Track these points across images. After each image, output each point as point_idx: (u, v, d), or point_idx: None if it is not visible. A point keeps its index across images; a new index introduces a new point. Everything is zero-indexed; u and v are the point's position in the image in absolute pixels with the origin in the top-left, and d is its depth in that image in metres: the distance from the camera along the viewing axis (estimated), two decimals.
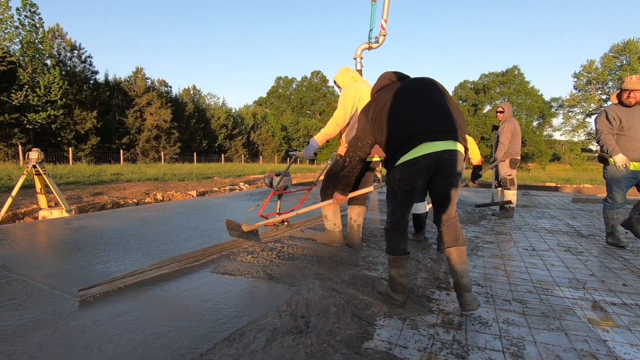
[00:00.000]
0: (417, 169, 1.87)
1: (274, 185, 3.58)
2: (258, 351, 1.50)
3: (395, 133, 1.94)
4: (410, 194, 1.94)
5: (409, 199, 1.97)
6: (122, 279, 2.19)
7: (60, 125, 22.00)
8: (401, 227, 2.03)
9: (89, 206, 7.24)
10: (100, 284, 2.08)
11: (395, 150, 1.93)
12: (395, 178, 1.95)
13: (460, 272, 1.90)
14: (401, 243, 2.04)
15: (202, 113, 36.66)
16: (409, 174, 1.89)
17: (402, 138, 1.90)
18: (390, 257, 2.06)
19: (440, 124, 1.90)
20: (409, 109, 1.96)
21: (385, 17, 7.45)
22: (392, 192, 2.00)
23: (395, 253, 2.03)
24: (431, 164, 1.86)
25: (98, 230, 3.79)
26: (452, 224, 1.99)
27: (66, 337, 1.58)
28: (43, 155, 5.18)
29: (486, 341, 1.69)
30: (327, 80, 68.88)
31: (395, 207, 2.00)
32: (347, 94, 3.00)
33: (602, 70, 38.78)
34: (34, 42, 20.92)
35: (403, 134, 1.90)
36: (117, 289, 2.13)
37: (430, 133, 1.86)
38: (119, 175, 12.93)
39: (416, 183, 1.90)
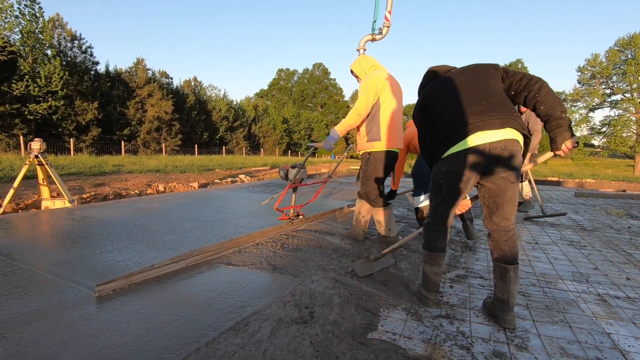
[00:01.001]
0: (466, 162, 1.69)
1: (291, 178, 3.46)
2: (263, 340, 1.50)
3: (443, 123, 1.79)
4: (457, 189, 1.76)
5: (455, 195, 1.79)
6: (139, 273, 2.12)
7: (62, 116, 21.94)
8: (442, 224, 1.89)
9: (91, 197, 7.26)
10: (117, 279, 2.01)
11: (443, 141, 1.78)
12: (442, 171, 1.79)
13: (512, 292, 1.74)
14: (439, 240, 1.91)
15: (203, 105, 36.51)
16: (458, 166, 1.72)
17: (451, 128, 1.74)
18: (425, 253, 1.95)
19: (499, 112, 1.69)
20: (458, 97, 1.79)
21: (389, 9, 7.34)
22: (436, 186, 1.85)
23: (432, 250, 1.91)
24: (483, 156, 1.67)
25: (101, 220, 3.79)
26: (511, 236, 1.78)
27: (72, 325, 1.59)
28: (45, 146, 5.17)
29: (490, 333, 1.70)
30: (329, 72, 68.54)
31: (439, 201, 1.86)
32: (370, 82, 2.85)
33: (607, 64, 38.41)
34: (34, 32, 20.74)
35: (452, 123, 1.74)
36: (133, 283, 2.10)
37: (483, 121, 1.67)
38: (120, 166, 12.93)
39: (465, 177, 1.72)
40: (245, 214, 4.33)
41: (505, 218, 1.77)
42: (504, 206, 1.75)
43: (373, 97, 2.85)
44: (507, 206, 1.75)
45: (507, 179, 1.70)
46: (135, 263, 2.41)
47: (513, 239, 1.79)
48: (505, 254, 1.77)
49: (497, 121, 1.65)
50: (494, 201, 1.77)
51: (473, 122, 1.67)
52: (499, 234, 1.79)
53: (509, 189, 1.72)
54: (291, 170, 3.47)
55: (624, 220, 4.78)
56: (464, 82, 1.83)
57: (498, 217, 1.78)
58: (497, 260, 1.80)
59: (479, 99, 1.73)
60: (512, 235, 1.79)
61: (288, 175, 3.48)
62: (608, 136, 38.61)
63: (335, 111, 65.87)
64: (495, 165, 1.68)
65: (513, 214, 1.78)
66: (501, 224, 1.78)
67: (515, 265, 1.76)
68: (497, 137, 1.64)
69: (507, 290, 1.75)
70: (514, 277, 1.75)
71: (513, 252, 1.77)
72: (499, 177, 1.70)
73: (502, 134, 1.65)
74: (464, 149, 1.68)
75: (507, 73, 1.80)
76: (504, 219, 1.77)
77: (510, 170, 1.68)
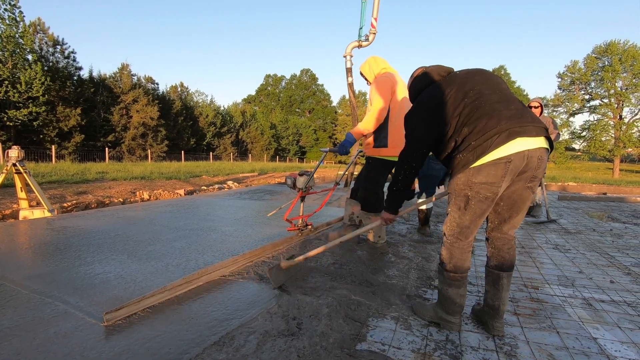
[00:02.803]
0: (507, 170, 1.53)
1: (300, 186, 3.22)
2: (249, 355, 1.46)
3: (470, 127, 1.59)
4: (490, 200, 1.59)
5: (487, 207, 1.62)
6: (151, 297, 1.88)
7: (43, 122, 21.40)
8: (469, 241, 1.73)
9: (72, 206, 7.05)
10: (128, 305, 1.77)
11: (473, 148, 1.56)
12: (474, 182, 1.57)
13: (504, 299, 1.72)
14: (466, 260, 1.73)
15: (190, 111, 36.16)
16: (496, 175, 1.53)
17: (484, 132, 1.54)
18: (450, 275, 1.73)
19: (530, 118, 1.57)
20: (486, 99, 1.62)
21: (375, 15, 7.42)
22: (464, 199, 1.64)
23: (458, 271, 1.72)
24: (521, 165, 1.54)
25: (82, 230, 3.67)
26: (513, 245, 1.76)
27: (46, 344, 1.51)
28: (24, 153, 5.01)
29: (479, 340, 1.68)
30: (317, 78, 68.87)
31: (467, 216, 1.65)
32: (384, 84, 2.77)
33: (585, 70, 39.64)
34: (14, 37, 20.22)
35: (485, 128, 1.54)
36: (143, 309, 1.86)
37: (521, 127, 1.52)
38: (104, 173, 12.63)
39: (502, 187, 1.57)
40: (232, 222, 4.25)
41: (514, 227, 1.74)
42: (518, 215, 1.71)
43: (389, 100, 2.78)
44: (520, 215, 1.71)
45: (532, 189, 1.65)
46: (116, 275, 2.33)
47: (514, 247, 1.77)
48: (505, 262, 1.74)
49: (533, 128, 1.54)
50: (510, 210, 1.69)
51: (510, 127, 1.51)
52: (503, 242, 1.75)
53: (529, 199, 1.68)
54: (299, 178, 3.25)
55: (606, 222, 4.88)
56: (483, 84, 1.69)
57: (508, 225, 1.73)
58: (494, 268, 1.77)
59: (506, 103, 1.61)
60: (514, 244, 1.77)
61: (296, 183, 3.25)
62: (588, 140, 39.71)
63: (323, 117, 66.09)
64: (528, 174, 1.59)
65: (521, 222, 1.76)
66: (509, 232, 1.75)
67: (509, 273, 1.74)
68: (535, 144, 1.54)
69: (498, 297, 1.73)
70: (506, 284, 1.73)
71: (512, 260, 1.75)
72: (525, 186, 1.63)
73: (539, 142, 1.55)
74: (505, 156, 1.51)
75: None
76: (512, 227, 1.74)
77: (537, 180, 1.63)
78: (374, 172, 2.95)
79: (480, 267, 2.80)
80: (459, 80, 1.74)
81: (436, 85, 1.81)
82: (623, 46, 36.55)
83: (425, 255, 3.06)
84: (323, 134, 62.78)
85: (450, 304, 1.76)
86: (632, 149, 38.37)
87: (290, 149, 55.03)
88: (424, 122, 1.77)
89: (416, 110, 1.82)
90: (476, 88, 1.67)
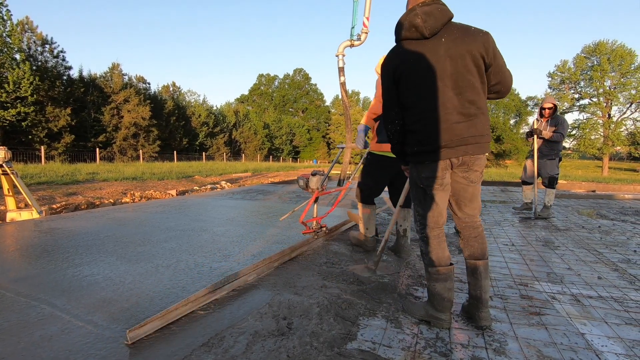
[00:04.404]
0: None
1: (313, 187, 3.12)
2: (238, 356, 1.44)
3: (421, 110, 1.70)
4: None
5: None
6: (174, 310, 1.74)
7: (32, 122, 21.06)
8: (441, 229, 1.82)
9: (61, 207, 6.95)
10: (152, 321, 1.62)
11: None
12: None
13: (484, 287, 1.76)
14: (445, 250, 1.80)
15: (182, 110, 35.89)
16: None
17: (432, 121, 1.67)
18: (433, 270, 1.78)
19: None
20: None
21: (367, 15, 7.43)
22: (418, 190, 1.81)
23: (442, 263, 1.77)
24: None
25: (71, 232, 3.62)
26: (479, 233, 1.83)
27: (31, 348, 1.48)
28: (10, 154, 4.91)
29: (469, 338, 1.69)
30: (310, 77, 68.81)
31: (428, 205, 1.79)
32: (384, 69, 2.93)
33: (575, 70, 40.20)
34: (1, 36, 19.88)
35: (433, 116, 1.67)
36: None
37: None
38: (94, 174, 12.47)
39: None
40: (223, 222, 4.23)
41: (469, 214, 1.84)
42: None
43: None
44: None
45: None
46: (104, 277, 2.30)
47: (482, 234, 1.83)
48: (476, 251, 1.81)
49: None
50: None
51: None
52: (469, 231, 1.84)
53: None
54: (312, 178, 3.16)
55: (594, 220, 4.95)
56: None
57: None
58: (468, 257, 1.84)
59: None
60: (481, 231, 1.83)
61: (309, 184, 3.16)
62: (578, 139, 40.28)
63: (316, 116, 66.07)
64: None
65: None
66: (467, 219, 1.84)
67: (484, 261, 1.80)
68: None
69: (479, 287, 1.78)
70: (484, 272, 1.78)
71: (482, 248, 1.81)
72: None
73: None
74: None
75: None
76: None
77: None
78: (370, 167, 2.96)
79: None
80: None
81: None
82: (611, 46, 37.14)
83: (418, 253, 3.07)
84: (317, 133, 62.77)
85: (439, 299, 1.77)
86: (621, 147, 39.04)
87: (283, 148, 54.93)
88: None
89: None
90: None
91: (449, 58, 1.63)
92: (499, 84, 1.71)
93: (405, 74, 1.72)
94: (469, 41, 1.62)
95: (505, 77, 1.71)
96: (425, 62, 1.66)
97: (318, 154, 60.99)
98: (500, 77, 1.70)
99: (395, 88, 1.77)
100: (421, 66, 1.67)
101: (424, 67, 1.67)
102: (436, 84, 1.65)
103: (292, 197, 7.23)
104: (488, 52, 1.63)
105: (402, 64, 1.72)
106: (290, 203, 6.24)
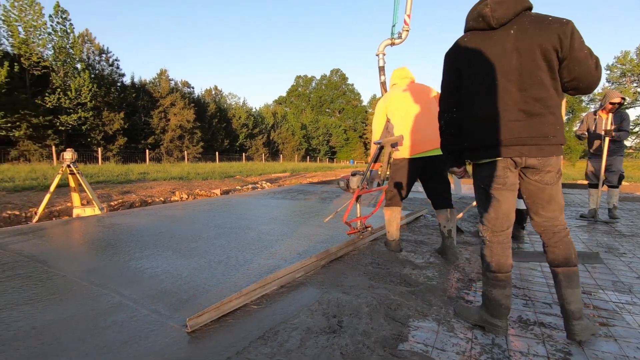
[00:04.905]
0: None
1: (355, 186, 3.12)
2: (293, 350, 1.48)
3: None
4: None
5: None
6: (229, 302, 1.85)
7: (90, 126, 22.86)
8: (507, 234, 1.71)
9: (118, 204, 7.48)
10: (209, 310, 1.73)
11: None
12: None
13: (567, 297, 1.62)
14: (509, 257, 1.70)
15: (224, 113, 37.26)
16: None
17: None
18: (491, 275, 1.69)
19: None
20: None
21: (408, 12, 7.30)
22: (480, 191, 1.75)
23: (502, 270, 1.68)
24: None
25: (129, 227, 3.90)
26: (561, 238, 1.68)
27: (105, 332, 1.62)
28: (76, 156, 5.38)
29: (529, 346, 1.61)
30: (347, 78, 68.71)
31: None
32: (377, 107, 3.09)
33: (638, 61, 36.74)
34: (65, 47, 21.83)
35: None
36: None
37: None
38: (145, 174, 13.31)
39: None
40: (268, 221, 4.34)
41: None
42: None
43: (378, 124, 3.05)
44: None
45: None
46: (163, 270, 2.45)
47: (565, 239, 1.67)
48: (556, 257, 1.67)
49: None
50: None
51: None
52: (548, 236, 1.70)
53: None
54: (352, 178, 3.16)
55: None
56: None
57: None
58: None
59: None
60: (564, 236, 1.67)
61: (350, 184, 3.17)
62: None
63: (353, 116, 65.82)
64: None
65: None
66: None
67: (565, 269, 1.64)
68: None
69: (560, 296, 1.65)
70: (565, 280, 1.63)
71: (565, 255, 1.65)
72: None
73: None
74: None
75: None
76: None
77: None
78: (392, 173, 3.02)
79: (524, 269, 2.68)
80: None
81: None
82: None
83: (467, 256, 2.97)
84: (353, 133, 62.52)
85: (496, 305, 1.69)
86: None
87: (320, 149, 55.27)
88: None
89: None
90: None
91: (516, 51, 1.54)
92: (574, 80, 1.52)
93: (466, 66, 1.66)
94: (541, 33, 1.49)
95: (584, 73, 1.50)
96: (488, 56, 1.59)
97: (355, 154, 60.70)
98: (577, 73, 1.50)
99: (457, 79, 1.71)
100: (483, 59, 1.60)
101: (486, 61, 1.59)
102: (497, 79, 1.57)
103: (331, 197, 7.27)
104: (563, 45, 1.47)
105: (464, 56, 1.66)
106: (330, 203, 6.28)
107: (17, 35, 20.27)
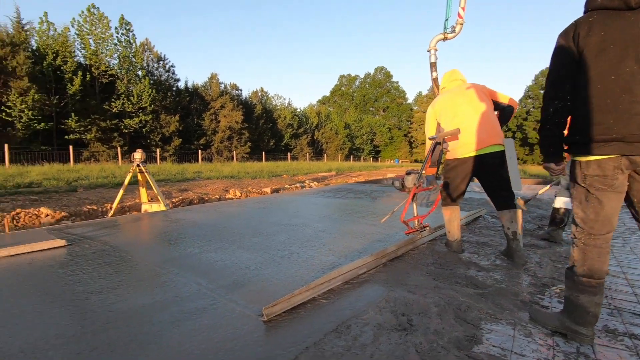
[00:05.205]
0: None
1: (409, 185, 3.12)
2: (368, 345, 1.51)
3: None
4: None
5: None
6: (298, 295, 1.93)
7: (150, 129, 24.65)
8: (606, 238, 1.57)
9: (179, 201, 8.01)
10: (281, 302, 1.82)
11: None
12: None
13: None
14: (605, 263, 1.56)
15: (270, 114, 38.30)
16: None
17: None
18: (584, 280, 1.57)
19: None
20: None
21: (462, 5, 7.02)
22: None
23: (594, 276, 1.56)
24: None
25: (193, 222, 4.16)
26: None
27: (191, 316, 1.76)
28: (145, 156, 5.85)
29: (620, 357, 1.50)
30: (391, 75, 67.53)
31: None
32: (427, 114, 3.13)
33: None
34: (129, 56, 23.73)
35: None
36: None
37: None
38: (199, 173, 14.10)
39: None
40: (322, 219, 4.42)
41: None
42: None
43: (429, 129, 3.08)
44: None
45: None
46: (232, 263, 2.60)
47: None
48: None
49: None
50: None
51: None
52: None
53: None
54: (407, 177, 3.16)
55: None
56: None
57: None
58: None
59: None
60: None
61: (405, 183, 3.16)
62: None
63: (398, 114, 64.52)
64: None
65: None
66: None
67: None
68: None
69: None
70: None
71: None
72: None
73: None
74: None
75: None
76: None
77: None
78: (446, 174, 2.98)
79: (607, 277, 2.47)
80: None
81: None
82: None
83: (537, 260, 2.81)
84: (398, 132, 61.27)
85: (582, 313, 1.58)
86: None
87: (364, 148, 54.86)
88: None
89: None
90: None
91: None
92: None
93: (590, 47, 1.48)
94: None
95: None
96: (619, 37, 1.42)
97: (399, 153, 59.47)
98: None
99: (573, 62, 1.55)
100: (613, 41, 1.43)
101: (616, 43, 1.43)
102: (626, 65, 1.40)
103: (381, 196, 7.21)
104: None
105: (588, 37, 1.49)
106: (382, 202, 6.23)
107: (88, 47, 22.41)
